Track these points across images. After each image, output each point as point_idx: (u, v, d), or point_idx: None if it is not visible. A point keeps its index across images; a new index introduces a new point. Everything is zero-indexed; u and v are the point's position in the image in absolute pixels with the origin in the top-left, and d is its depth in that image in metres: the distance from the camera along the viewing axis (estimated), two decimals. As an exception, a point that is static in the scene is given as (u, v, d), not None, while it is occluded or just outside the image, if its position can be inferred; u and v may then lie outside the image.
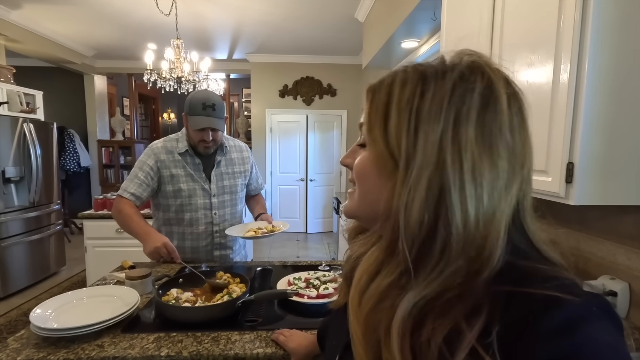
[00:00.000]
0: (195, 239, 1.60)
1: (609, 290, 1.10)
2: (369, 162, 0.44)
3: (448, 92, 0.38)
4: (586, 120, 0.93)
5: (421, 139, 0.37)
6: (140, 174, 1.53)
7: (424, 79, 0.40)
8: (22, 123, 3.40)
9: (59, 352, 0.90)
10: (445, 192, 0.36)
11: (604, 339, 0.31)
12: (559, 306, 0.32)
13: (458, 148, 0.36)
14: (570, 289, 0.34)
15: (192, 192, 1.58)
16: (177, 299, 1.14)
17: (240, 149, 1.75)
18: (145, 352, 0.91)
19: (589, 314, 0.32)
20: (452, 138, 0.36)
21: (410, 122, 0.38)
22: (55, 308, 1.06)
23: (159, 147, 1.58)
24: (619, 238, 1.13)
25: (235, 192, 1.68)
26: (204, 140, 1.53)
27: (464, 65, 0.40)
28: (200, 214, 1.59)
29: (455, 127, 0.37)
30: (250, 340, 0.97)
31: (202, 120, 1.49)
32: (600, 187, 0.97)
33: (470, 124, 0.37)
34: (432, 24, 2.40)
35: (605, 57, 0.93)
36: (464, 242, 0.35)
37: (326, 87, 5.50)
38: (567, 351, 0.30)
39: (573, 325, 0.31)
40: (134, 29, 4.19)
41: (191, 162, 1.59)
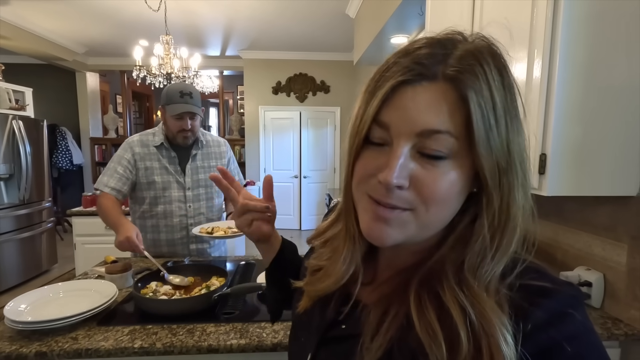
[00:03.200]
0: (169, 231, 1.61)
1: (584, 280, 1.11)
2: (456, 181, 0.37)
3: (513, 84, 0.37)
4: (558, 112, 0.94)
5: (515, 146, 0.37)
6: (119, 168, 1.54)
7: (501, 67, 0.37)
8: (11, 120, 3.37)
9: (32, 345, 0.90)
10: (527, 186, 0.38)
11: (587, 324, 0.35)
12: (549, 297, 0.35)
13: (523, 140, 0.38)
14: (551, 279, 0.37)
15: (166, 185, 1.59)
16: (155, 292, 1.14)
17: (219, 144, 1.75)
18: (118, 344, 0.91)
19: (572, 302, 0.35)
20: (520, 133, 0.38)
21: (510, 127, 0.36)
22: (31, 302, 1.06)
23: (134, 140, 1.59)
24: (595, 229, 1.14)
25: (211, 185, 1.69)
26: (184, 130, 1.55)
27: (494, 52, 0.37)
28: (174, 207, 1.60)
29: (519, 120, 0.38)
30: (225, 332, 0.98)
31: (180, 106, 1.51)
32: (573, 178, 0.98)
33: (519, 114, 0.38)
34: (420, 19, 2.40)
35: (577, 51, 0.94)
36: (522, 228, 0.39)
37: (319, 83, 5.49)
38: (561, 337, 0.33)
39: (564, 314, 0.34)
40: (125, 26, 4.16)
41: (167, 155, 1.60)
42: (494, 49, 0.37)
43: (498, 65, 0.36)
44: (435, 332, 0.35)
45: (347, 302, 0.46)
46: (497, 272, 0.37)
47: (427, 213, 0.37)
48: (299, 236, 5.40)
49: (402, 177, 0.36)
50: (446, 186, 0.36)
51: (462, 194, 0.38)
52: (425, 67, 0.35)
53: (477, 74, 0.35)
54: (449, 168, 0.36)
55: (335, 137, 5.62)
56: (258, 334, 0.97)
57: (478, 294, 0.36)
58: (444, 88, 0.35)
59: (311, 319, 0.50)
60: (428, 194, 0.36)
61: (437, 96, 0.35)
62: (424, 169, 0.36)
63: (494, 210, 0.37)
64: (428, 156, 0.36)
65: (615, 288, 1.07)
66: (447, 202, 0.37)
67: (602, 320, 1.05)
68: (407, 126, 0.36)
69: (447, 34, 0.38)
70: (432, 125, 0.35)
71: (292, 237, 2.95)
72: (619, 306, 1.06)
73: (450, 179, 0.36)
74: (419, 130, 0.35)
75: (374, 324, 0.40)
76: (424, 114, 0.35)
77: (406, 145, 0.36)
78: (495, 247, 0.37)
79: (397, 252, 0.45)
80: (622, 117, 0.96)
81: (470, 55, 0.35)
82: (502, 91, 0.35)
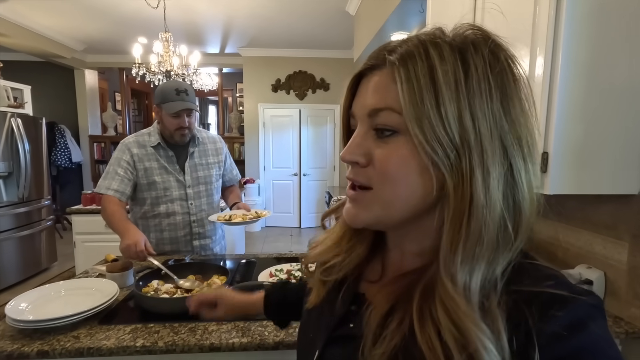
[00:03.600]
0: (173, 229, 1.62)
1: (585, 279, 1.11)
2: (408, 156, 0.37)
3: (487, 67, 0.36)
4: (560, 110, 0.94)
5: (482, 121, 0.35)
6: (120, 170, 1.54)
7: (459, 51, 0.36)
8: (10, 118, 3.36)
9: (34, 344, 0.90)
10: (515, 173, 0.36)
11: (606, 335, 0.34)
12: (567, 306, 0.33)
13: (514, 127, 0.36)
14: (569, 287, 0.35)
15: (167, 184, 1.59)
16: (156, 291, 1.14)
17: (214, 140, 1.76)
18: (120, 343, 0.91)
19: (591, 312, 0.34)
20: (506, 117, 0.36)
21: (465, 102, 0.35)
22: (32, 301, 1.06)
23: (130, 141, 1.58)
24: (596, 227, 1.14)
25: (210, 182, 1.69)
26: (181, 127, 1.54)
27: (482, 39, 0.38)
28: (176, 205, 1.60)
29: (503, 104, 0.36)
30: (227, 331, 0.98)
31: (178, 104, 1.50)
32: (574, 176, 0.97)
33: (513, 100, 0.37)
34: (421, 17, 2.39)
35: (579, 49, 0.94)
36: (528, 224, 0.37)
37: (319, 81, 5.47)
38: (578, 347, 0.32)
39: (581, 324, 0.33)
40: (124, 23, 4.14)
41: (164, 155, 1.60)
42: (469, 34, 0.38)
43: (462, 46, 0.37)
44: (434, 347, 0.34)
45: (356, 300, 0.47)
46: (478, 267, 0.35)
47: (383, 190, 0.39)
48: (299, 234, 5.40)
49: (356, 153, 0.40)
50: (397, 161, 0.38)
51: (423, 175, 0.37)
52: (376, 58, 0.40)
53: (414, 55, 0.36)
54: (401, 143, 0.37)
55: (335, 134, 5.61)
56: (260, 332, 0.97)
57: (453, 299, 0.34)
58: (386, 72, 0.38)
59: (320, 315, 0.50)
60: (380, 168, 0.39)
61: (380, 79, 0.39)
62: (378, 147, 0.39)
63: (451, 193, 0.36)
64: (381, 136, 0.39)
65: (616, 286, 1.08)
66: (400, 178, 0.38)
67: (602, 318, 1.05)
68: (361, 110, 0.41)
69: (430, 29, 0.40)
70: (375, 104, 0.39)
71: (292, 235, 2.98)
72: (619, 304, 1.06)
73: (401, 154, 0.37)
74: (368, 111, 0.40)
75: (374, 327, 0.40)
76: (370, 97, 0.40)
77: (363, 127, 0.41)
78: (464, 235, 0.35)
79: (402, 251, 0.46)
80: (623, 116, 0.96)
81: (417, 41, 0.38)
82: (457, 70, 0.35)
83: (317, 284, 0.51)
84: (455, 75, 0.35)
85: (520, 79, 0.38)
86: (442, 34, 0.38)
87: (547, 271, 0.37)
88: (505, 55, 0.38)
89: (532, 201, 0.37)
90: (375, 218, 0.41)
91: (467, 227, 0.35)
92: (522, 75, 0.38)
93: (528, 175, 0.37)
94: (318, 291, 0.51)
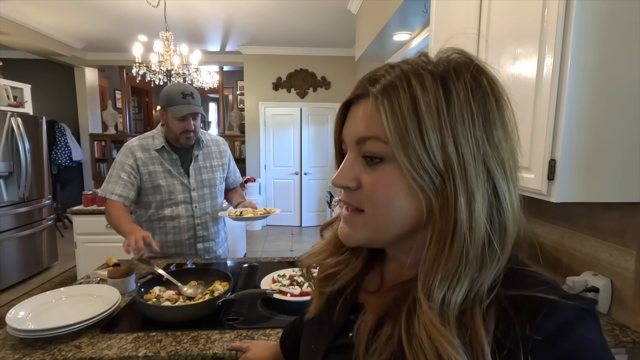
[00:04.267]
0: (177, 232, 1.61)
1: (591, 286, 1.10)
2: (396, 181, 0.38)
3: (469, 94, 0.37)
4: (569, 115, 0.92)
5: (465, 147, 0.36)
6: (123, 175, 1.52)
7: (441, 79, 0.37)
8: (10, 117, 3.34)
9: (35, 354, 0.89)
10: (499, 195, 0.37)
11: (596, 339, 0.34)
12: (555, 309, 0.34)
13: (497, 150, 0.38)
14: (560, 292, 0.36)
15: (172, 188, 1.58)
16: (158, 297, 1.13)
17: (217, 143, 1.75)
18: (122, 353, 0.90)
19: (581, 316, 0.34)
20: (489, 141, 0.37)
21: (448, 130, 0.36)
22: (33, 308, 1.05)
23: (134, 145, 1.57)
24: (602, 234, 1.12)
25: (215, 185, 1.69)
26: (187, 130, 1.53)
27: (463, 64, 0.39)
28: (181, 208, 1.60)
29: (486, 129, 0.37)
30: (230, 340, 0.97)
31: (184, 108, 1.49)
32: (582, 184, 0.96)
33: (496, 124, 0.38)
34: (424, 17, 2.36)
35: (589, 50, 0.91)
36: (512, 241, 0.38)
37: (320, 79, 5.45)
38: (566, 351, 0.32)
39: (570, 328, 0.33)
40: (124, 21, 4.11)
41: (168, 158, 1.59)
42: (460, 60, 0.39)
43: (444, 74, 0.38)
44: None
45: (355, 310, 0.48)
46: (458, 286, 0.36)
47: (374, 213, 0.41)
48: (300, 233, 5.40)
49: (346, 178, 0.42)
50: (385, 187, 0.39)
51: (410, 199, 0.39)
52: (362, 88, 0.41)
53: (397, 86, 0.38)
54: (388, 170, 0.39)
55: (336, 133, 5.58)
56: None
57: (426, 315, 0.35)
58: (371, 102, 0.40)
59: (320, 326, 0.51)
60: (368, 194, 0.40)
61: (366, 109, 0.40)
62: (366, 173, 0.41)
63: (436, 216, 0.37)
64: (370, 163, 0.40)
65: (622, 294, 1.06)
66: (388, 203, 0.39)
67: (609, 327, 1.04)
68: (350, 137, 0.42)
69: (414, 56, 0.42)
70: (362, 133, 0.40)
71: (292, 234, 2.96)
72: (626, 313, 1.05)
73: (389, 180, 0.39)
74: (356, 139, 0.41)
75: (365, 338, 0.41)
76: (358, 125, 0.41)
77: (352, 154, 0.43)
78: (446, 256, 0.36)
79: (398, 262, 0.47)
80: (632, 121, 0.94)
81: (400, 71, 0.39)
82: (439, 99, 0.37)
83: (316, 295, 0.53)
84: (437, 104, 0.36)
85: (503, 101, 0.39)
86: (425, 62, 0.40)
87: (537, 277, 0.38)
88: (488, 79, 0.39)
89: (515, 220, 0.39)
90: (367, 238, 0.43)
91: (449, 248, 0.36)
92: (504, 97, 0.39)
93: (511, 196, 0.38)
94: (317, 302, 0.53)
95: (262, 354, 0.84)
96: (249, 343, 0.90)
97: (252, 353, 0.85)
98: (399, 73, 0.39)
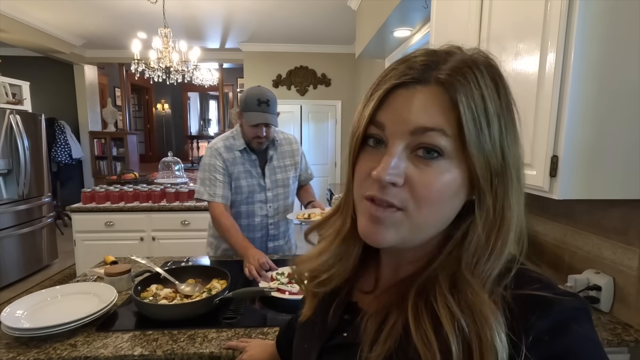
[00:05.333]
0: (251, 230, 1.65)
1: (593, 284, 1.09)
2: (450, 182, 0.37)
3: (508, 97, 0.39)
4: (571, 112, 0.91)
5: (511, 148, 0.38)
6: (219, 176, 1.57)
7: (492, 80, 0.38)
8: (9, 115, 3.33)
9: (30, 352, 0.88)
10: (521, 195, 0.40)
11: (590, 337, 0.34)
12: (551, 308, 0.34)
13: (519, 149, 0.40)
14: (554, 289, 0.36)
15: (251, 188, 1.62)
16: (155, 296, 1.12)
17: (290, 142, 1.76)
18: (118, 352, 0.89)
19: (576, 314, 0.34)
20: (517, 141, 0.39)
21: (504, 131, 0.38)
22: (28, 307, 1.03)
23: (220, 146, 1.60)
24: (605, 232, 1.11)
25: (288, 185, 1.71)
26: (258, 137, 1.55)
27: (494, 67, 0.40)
28: (256, 207, 1.64)
29: (515, 131, 0.39)
30: (227, 338, 0.96)
31: (257, 116, 1.51)
32: (585, 181, 0.94)
33: (516, 126, 0.40)
34: (424, 12, 2.34)
35: (592, 46, 0.90)
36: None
37: (320, 76, 5.42)
38: (562, 350, 0.33)
39: (565, 326, 0.33)
40: (123, 18, 4.08)
41: (248, 159, 1.62)
42: (491, 61, 0.40)
43: (493, 75, 0.38)
44: (430, 342, 0.35)
45: (349, 310, 0.48)
46: (493, 274, 0.37)
47: (419, 214, 0.37)
48: (300, 230, 5.37)
49: (396, 174, 0.37)
50: (439, 187, 0.37)
51: (457, 198, 0.38)
52: (419, 72, 0.37)
53: (468, 79, 0.36)
54: (443, 169, 0.37)
55: (336, 131, 5.57)
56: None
57: (476, 291, 0.35)
58: (436, 91, 0.37)
59: (314, 327, 0.51)
60: (421, 193, 0.37)
61: (429, 97, 0.37)
62: (417, 169, 0.37)
63: (488, 211, 0.38)
64: (423, 157, 0.37)
65: (625, 292, 1.05)
66: (440, 203, 0.38)
67: (611, 326, 1.02)
68: (401, 126, 0.37)
69: (446, 47, 0.40)
70: (424, 123, 0.36)
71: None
72: (629, 311, 1.04)
73: (444, 180, 0.37)
74: (412, 128, 0.37)
75: (372, 333, 0.40)
76: (417, 114, 0.37)
77: (400, 144, 0.37)
78: (490, 248, 0.38)
79: (397, 261, 0.46)
80: (635, 118, 0.93)
81: (463, 63, 0.37)
82: (496, 99, 0.37)
83: (309, 297, 0.52)
84: (496, 105, 0.37)
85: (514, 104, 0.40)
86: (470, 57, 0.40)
87: (532, 275, 0.38)
88: (506, 83, 0.40)
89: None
90: (401, 239, 0.39)
91: (494, 242, 0.38)
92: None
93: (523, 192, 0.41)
94: (310, 303, 0.52)
95: (259, 354, 0.82)
96: (246, 342, 0.89)
97: (249, 354, 0.84)
98: (461, 63, 0.37)
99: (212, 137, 8.16)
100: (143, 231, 2.76)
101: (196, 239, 2.76)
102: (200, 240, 2.76)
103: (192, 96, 9.44)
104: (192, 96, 9.44)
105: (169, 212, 2.76)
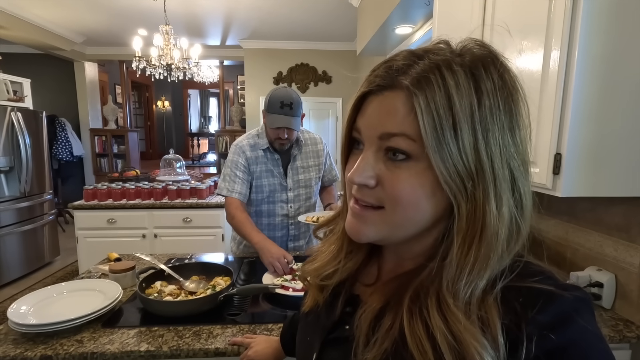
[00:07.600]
0: (271, 229, 1.65)
1: (595, 281, 1.10)
2: (421, 181, 0.37)
3: (497, 93, 0.37)
4: (575, 109, 0.91)
5: (494, 149, 0.36)
6: (239, 173, 1.57)
7: (472, 76, 0.36)
8: (10, 112, 3.33)
9: (37, 348, 0.89)
10: (520, 195, 0.38)
11: (592, 329, 0.34)
12: (553, 300, 0.34)
13: (518, 148, 0.38)
14: (557, 283, 0.36)
15: (272, 187, 1.62)
16: (160, 292, 1.13)
17: (315, 142, 1.74)
18: (124, 347, 0.90)
19: (578, 306, 0.34)
20: (514, 142, 0.37)
21: (479, 132, 0.36)
22: (34, 303, 1.04)
23: (244, 144, 1.61)
24: (607, 229, 1.11)
25: (310, 185, 1.70)
26: (280, 138, 1.55)
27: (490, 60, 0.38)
28: (277, 207, 1.64)
29: (511, 130, 0.37)
30: (232, 335, 0.96)
31: (279, 119, 1.49)
32: (588, 178, 0.95)
33: (519, 124, 0.38)
34: (426, 9, 2.33)
35: (597, 44, 0.90)
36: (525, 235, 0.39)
37: (321, 74, 5.41)
38: (564, 342, 0.32)
39: (567, 318, 0.33)
40: (124, 15, 4.07)
41: (271, 158, 1.62)
42: (484, 54, 0.38)
43: (476, 68, 0.37)
44: (425, 351, 0.35)
45: (351, 303, 0.48)
46: (479, 285, 0.36)
47: (394, 213, 0.39)
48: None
49: (366, 176, 0.39)
50: (408, 188, 0.37)
51: (434, 198, 0.38)
52: (388, 78, 0.38)
53: (432, 81, 0.35)
54: (413, 171, 0.37)
55: (337, 128, 5.57)
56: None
57: (454, 314, 0.35)
58: (400, 96, 0.37)
59: (317, 319, 0.51)
60: (391, 193, 0.38)
61: (394, 103, 0.37)
62: (388, 170, 0.38)
63: (464, 219, 0.37)
64: (393, 159, 0.38)
65: (627, 289, 1.06)
66: (413, 204, 0.38)
67: (613, 322, 1.03)
68: (371, 131, 0.39)
69: (432, 45, 0.40)
70: (389, 129, 0.38)
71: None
72: (631, 308, 1.04)
73: (413, 181, 0.37)
74: (379, 134, 0.38)
75: (365, 329, 0.41)
76: (383, 119, 0.38)
77: (371, 148, 0.40)
78: (472, 259, 0.36)
79: (397, 256, 0.47)
80: (638, 115, 0.93)
81: (432, 65, 0.36)
82: (472, 99, 0.35)
83: (314, 288, 0.52)
84: (471, 105, 0.35)
85: (522, 97, 0.39)
86: (451, 52, 0.38)
87: (535, 268, 0.38)
88: (510, 77, 0.38)
89: (529, 219, 0.39)
90: (380, 236, 0.41)
91: (477, 250, 0.36)
92: (522, 95, 0.39)
93: (530, 194, 0.39)
94: (314, 295, 0.52)
95: (264, 350, 0.83)
96: (251, 338, 0.90)
97: (254, 350, 0.84)
98: (430, 65, 0.36)
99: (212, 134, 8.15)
100: (145, 228, 2.77)
101: (198, 236, 2.77)
102: (201, 237, 2.78)
103: (193, 93, 9.43)
104: (193, 93, 9.43)
105: (171, 210, 2.76)
